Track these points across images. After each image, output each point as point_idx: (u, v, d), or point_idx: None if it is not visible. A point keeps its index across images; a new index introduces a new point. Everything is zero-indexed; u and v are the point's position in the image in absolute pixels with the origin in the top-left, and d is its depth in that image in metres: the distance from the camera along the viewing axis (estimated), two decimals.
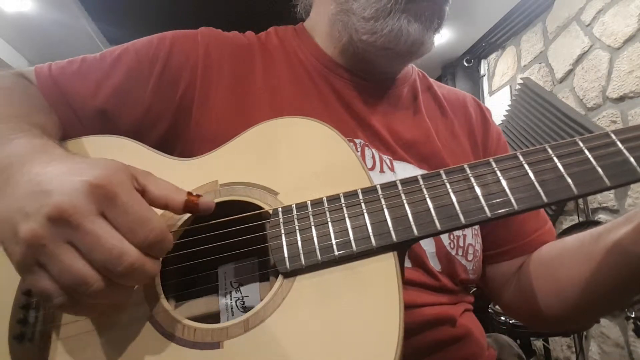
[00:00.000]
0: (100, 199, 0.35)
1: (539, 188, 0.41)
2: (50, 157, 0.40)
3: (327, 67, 0.69)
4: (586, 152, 0.42)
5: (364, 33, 0.64)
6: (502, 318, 1.76)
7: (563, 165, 0.42)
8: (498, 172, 0.43)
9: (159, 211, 0.47)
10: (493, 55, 3.32)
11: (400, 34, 0.62)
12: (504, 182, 0.42)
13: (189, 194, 0.41)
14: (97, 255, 0.34)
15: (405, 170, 0.64)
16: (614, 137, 0.42)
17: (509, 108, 2.91)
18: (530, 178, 0.42)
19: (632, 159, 0.40)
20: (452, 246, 0.62)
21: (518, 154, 0.44)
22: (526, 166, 0.42)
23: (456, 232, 0.63)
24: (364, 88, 0.69)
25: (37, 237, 0.34)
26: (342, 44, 0.68)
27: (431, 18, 0.63)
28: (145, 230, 0.36)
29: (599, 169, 0.40)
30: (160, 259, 0.39)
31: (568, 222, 2.36)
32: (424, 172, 0.46)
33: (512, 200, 0.41)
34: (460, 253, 0.63)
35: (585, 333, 2.15)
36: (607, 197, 2.08)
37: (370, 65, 0.68)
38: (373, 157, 0.63)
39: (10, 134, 0.44)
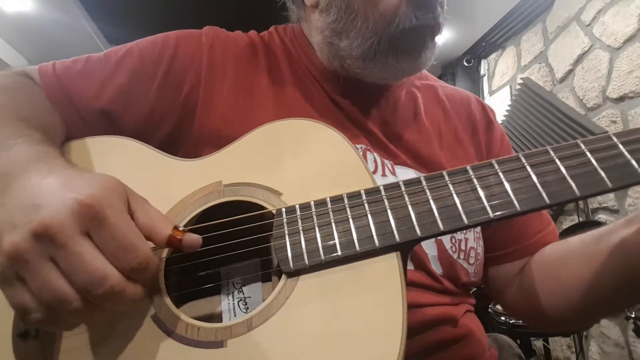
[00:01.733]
0: (88, 219, 0.35)
1: (541, 189, 0.41)
2: (49, 168, 0.40)
3: (323, 74, 0.68)
4: (588, 154, 0.42)
5: (356, 68, 0.63)
6: (502, 318, 1.76)
7: (565, 167, 0.42)
8: (500, 174, 0.43)
9: (162, 210, 0.48)
10: (493, 55, 3.33)
11: (393, 71, 0.62)
12: (506, 184, 0.42)
13: (175, 228, 0.41)
14: (79, 277, 0.34)
15: (407, 174, 0.64)
16: (615, 139, 0.42)
17: (509, 108, 2.92)
18: (532, 180, 0.42)
19: (633, 162, 0.40)
20: (453, 250, 0.62)
21: (520, 155, 0.44)
22: (528, 168, 0.43)
23: (458, 236, 0.63)
24: (360, 93, 0.68)
25: (19, 250, 0.34)
26: (334, 67, 0.67)
27: (422, 44, 0.60)
28: (129, 256, 0.36)
29: (601, 171, 0.41)
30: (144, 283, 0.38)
31: (568, 222, 2.36)
32: (425, 175, 0.46)
33: (515, 202, 0.41)
34: (462, 256, 0.63)
35: (585, 333, 2.15)
36: (607, 197, 2.09)
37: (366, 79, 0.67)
38: (375, 161, 0.63)
39: (10, 138, 0.43)
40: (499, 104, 3.09)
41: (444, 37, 3.09)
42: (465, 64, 3.44)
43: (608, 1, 2.11)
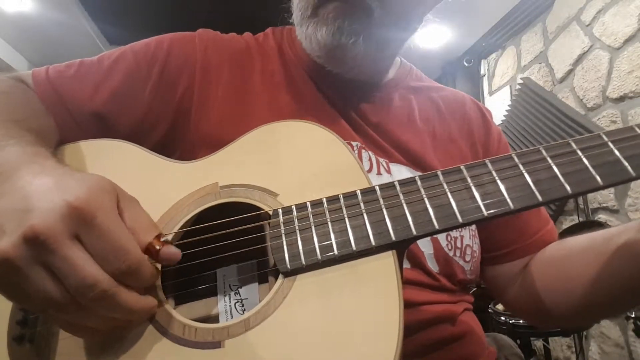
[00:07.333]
0: (77, 222, 0.35)
1: (533, 187, 0.42)
2: (41, 168, 0.40)
3: (316, 72, 0.68)
4: (579, 152, 0.43)
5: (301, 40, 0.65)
6: (502, 318, 1.76)
7: (557, 166, 0.42)
8: (494, 173, 0.43)
9: (159, 213, 0.48)
10: (493, 55, 3.33)
11: (311, 42, 0.62)
12: (499, 183, 0.43)
13: (157, 238, 0.40)
14: (70, 281, 0.34)
15: (401, 172, 0.64)
16: (605, 138, 0.43)
17: (509, 108, 2.92)
18: (525, 178, 0.42)
19: (623, 159, 0.41)
20: (449, 247, 0.62)
21: (513, 155, 0.44)
22: (521, 167, 0.43)
23: (453, 234, 0.63)
24: (354, 92, 0.68)
25: (9, 256, 0.34)
26: (313, 55, 0.67)
27: (339, 18, 0.58)
28: (118, 259, 0.35)
29: (592, 169, 0.41)
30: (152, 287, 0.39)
31: (568, 222, 2.37)
32: (420, 174, 0.47)
33: (508, 200, 0.42)
34: (457, 254, 0.63)
35: (585, 333, 2.15)
36: (607, 197, 2.09)
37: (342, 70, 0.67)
38: (370, 159, 0.63)
39: (2, 140, 0.43)
40: (499, 104, 3.09)
41: (444, 37, 3.09)
42: (465, 64, 3.43)
43: (608, 1, 2.11)
